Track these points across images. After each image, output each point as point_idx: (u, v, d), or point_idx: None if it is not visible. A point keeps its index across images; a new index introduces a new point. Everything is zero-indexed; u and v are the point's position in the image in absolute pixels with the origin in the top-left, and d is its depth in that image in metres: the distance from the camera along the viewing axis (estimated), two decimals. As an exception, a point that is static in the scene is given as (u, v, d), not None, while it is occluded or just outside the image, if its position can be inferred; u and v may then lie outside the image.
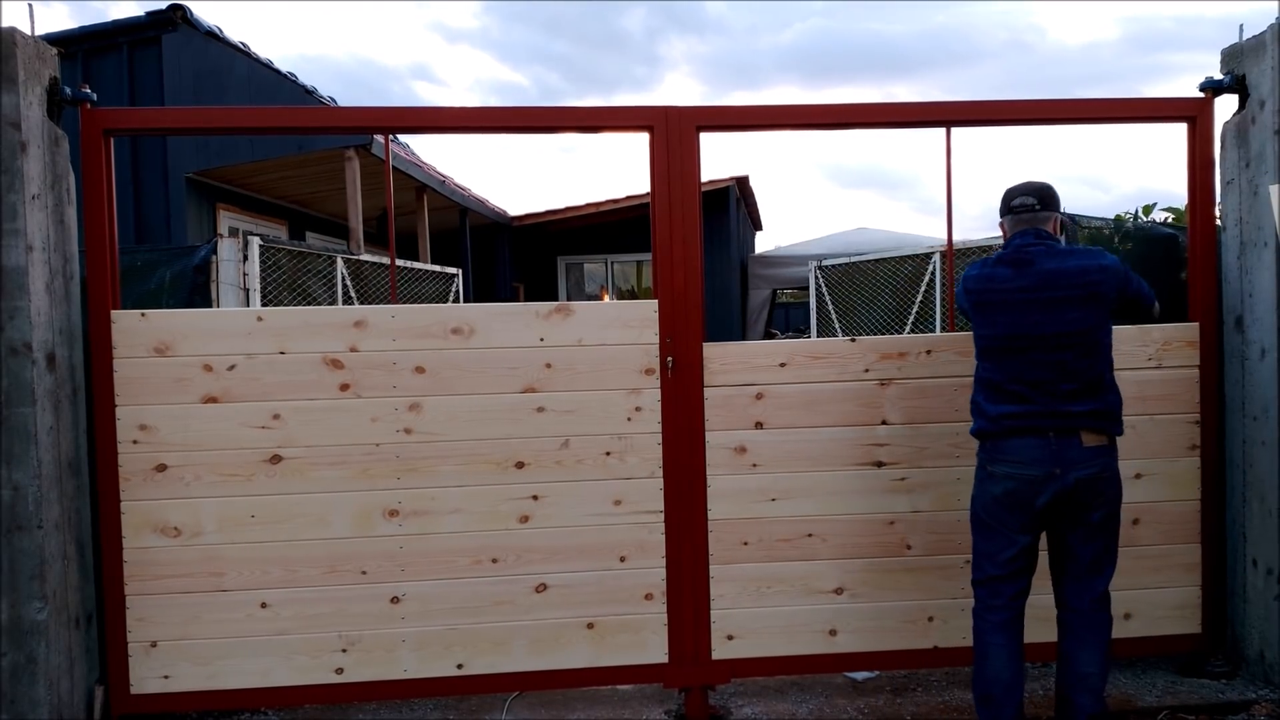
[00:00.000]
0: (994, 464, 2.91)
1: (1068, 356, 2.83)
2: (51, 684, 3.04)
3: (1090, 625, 2.93)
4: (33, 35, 3.12)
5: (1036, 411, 2.83)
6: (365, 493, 3.32)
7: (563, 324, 3.39)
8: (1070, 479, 2.81)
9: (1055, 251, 2.91)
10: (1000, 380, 2.90)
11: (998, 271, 2.95)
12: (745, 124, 3.54)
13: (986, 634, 2.93)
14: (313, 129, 4.13)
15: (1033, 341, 2.85)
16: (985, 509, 2.95)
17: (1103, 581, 2.95)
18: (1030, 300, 2.86)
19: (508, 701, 3.55)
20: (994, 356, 2.93)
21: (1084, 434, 2.82)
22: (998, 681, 2.88)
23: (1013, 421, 2.85)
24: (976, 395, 3.01)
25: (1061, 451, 2.81)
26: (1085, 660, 2.90)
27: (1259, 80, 3.46)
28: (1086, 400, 2.83)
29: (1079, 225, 4.03)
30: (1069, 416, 2.82)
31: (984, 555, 2.96)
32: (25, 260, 2.99)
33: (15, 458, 2.99)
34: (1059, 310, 2.84)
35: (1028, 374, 2.85)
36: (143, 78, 8.33)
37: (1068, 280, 2.85)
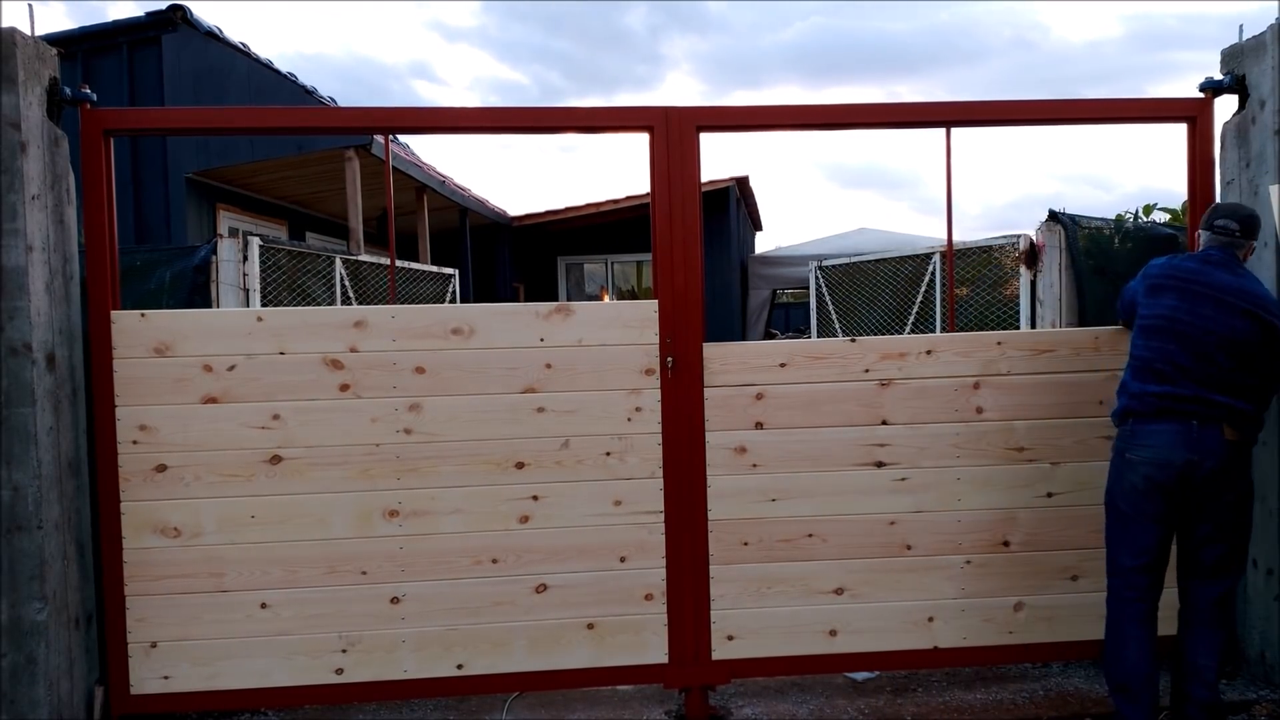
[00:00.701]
0: (1132, 450, 2.98)
1: (1221, 357, 2.89)
2: (51, 684, 3.04)
3: (1207, 622, 3.02)
4: (33, 35, 3.12)
5: (1181, 395, 2.90)
6: (365, 493, 3.32)
7: (563, 324, 3.39)
8: (1207, 467, 2.87)
9: (1240, 273, 2.99)
10: (1149, 358, 2.97)
11: (1185, 263, 3.05)
12: (745, 124, 3.53)
13: (1125, 625, 3.01)
14: (313, 129, 4.13)
15: (1195, 330, 2.92)
16: (1123, 497, 3.02)
17: (1224, 585, 3.02)
18: (1206, 295, 2.94)
19: (508, 702, 3.55)
20: (1151, 335, 2.99)
21: (1226, 427, 2.88)
22: (1136, 674, 2.96)
23: (1155, 401, 2.92)
24: (1124, 376, 3.08)
25: (1203, 440, 2.87)
26: (1201, 652, 3.00)
27: (1259, 80, 3.46)
28: (1232, 397, 2.89)
29: (1079, 225, 4.03)
30: (1213, 405, 2.87)
31: (1119, 545, 3.04)
32: (25, 260, 2.99)
33: (15, 458, 2.99)
34: (1229, 314, 2.91)
35: (1179, 357, 2.92)
36: (143, 78, 8.32)
37: (1240, 295, 2.93)
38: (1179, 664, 3.06)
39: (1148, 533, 2.97)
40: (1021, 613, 3.54)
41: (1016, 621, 3.53)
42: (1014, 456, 3.51)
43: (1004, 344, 3.52)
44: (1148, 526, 2.96)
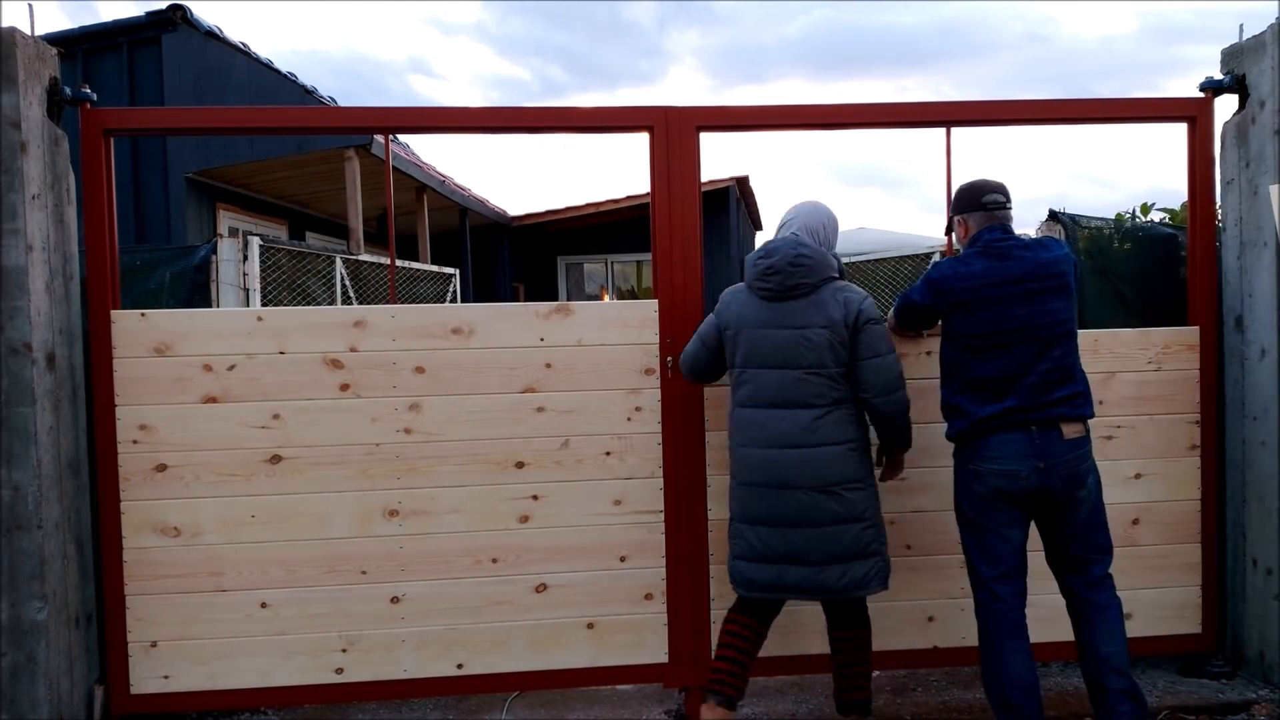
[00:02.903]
0: (977, 462, 2.91)
1: (1052, 348, 2.84)
2: (51, 684, 3.04)
3: (1101, 608, 2.94)
4: (33, 35, 3.12)
5: (1019, 407, 2.83)
6: (365, 493, 3.32)
7: (563, 324, 3.39)
8: (1053, 473, 2.82)
9: (1026, 244, 2.92)
10: (985, 378, 2.88)
11: (972, 266, 2.92)
12: (745, 124, 3.53)
13: (996, 638, 2.91)
14: (313, 129, 4.14)
15: (1018, 335, 2.84)
16: (972, 507, 2.95)
17: (1102, 565, 2.96)
18: (1013, 294, 2.85)
19: (508, 701, 3.55)
20: (978, 354, 2.90)
21: (1063, 425, 2.83)
22: (1019, 685, 2.86)
23: (997, 420, 2.84)
24: (955, 398, 2.97)
25: (1045, 445, 2.81)
26: (1104, 641, 2.91)
27: (1259, 80, 3.46)
28: (1064, 386, 2.85)
29: (1078, 225, 4.03)
30: (1048, 407, 2.82)
31: (978, 557, 2.96)
32: (25, 260, 2.99)
33: (15, 458, 2.99)
34: (1042, 301, 2.85)
35: (1013, 369, 2.84)
36: (143, 78, 8.32)
37: (1044, 270, 2.86)
38: (1087, 661, 2.95)
39: (1004, 541, 2.92)
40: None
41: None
42: (1014, 456, 3.51)
43: (1004, 344, 3.52)
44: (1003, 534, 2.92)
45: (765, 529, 2.92)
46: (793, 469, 2.88)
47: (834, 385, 2.91)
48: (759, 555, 2.94)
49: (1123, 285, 3.95)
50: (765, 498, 2.92)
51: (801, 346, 2.88)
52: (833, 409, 2.90)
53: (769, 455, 2.91)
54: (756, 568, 2.95)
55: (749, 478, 2.96)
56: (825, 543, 2.89)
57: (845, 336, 2.88)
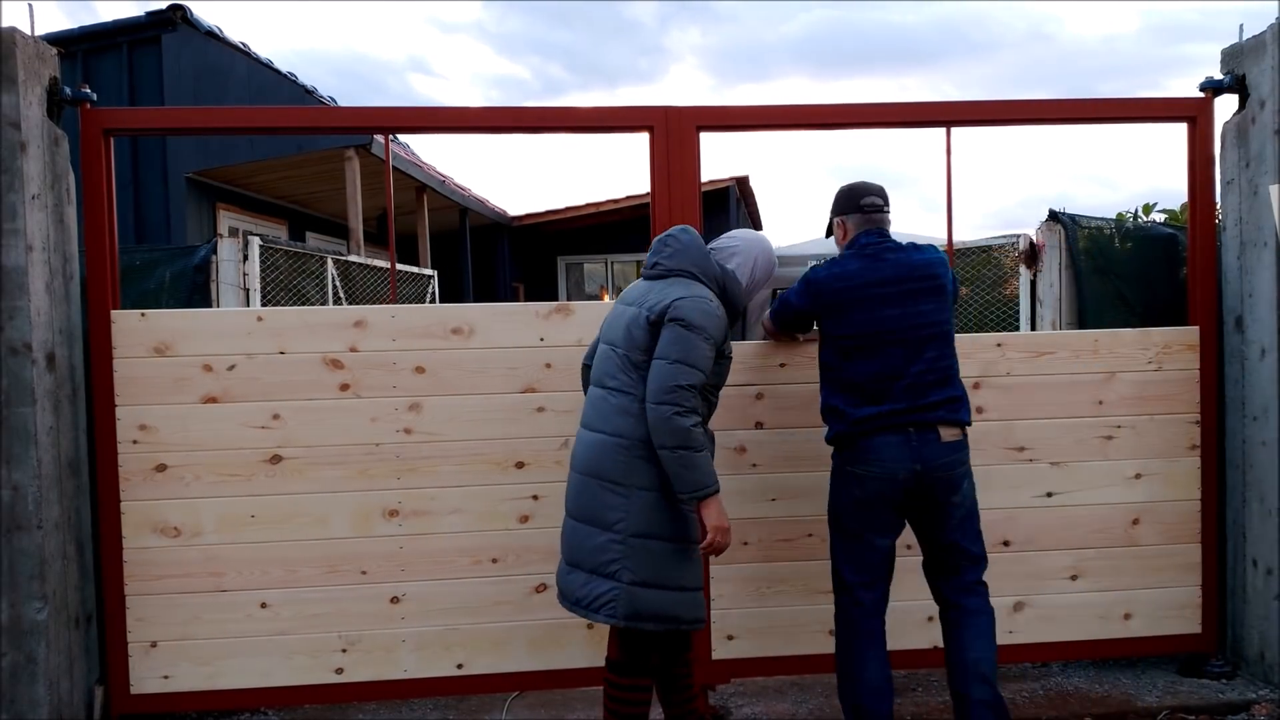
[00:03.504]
0: (855, 465, 2.84)
1: (924, 349, 2.81)
2: (51, 684, 3.04)
3: (972, 612, 2.88)
4: (33, 35, 3.12)
5: (896, 409, 2.78)
6: (365, 493, 3.32)
7: (563, 324, 3.39)
8: (930, 475, 2.77)
9: (900, 247, 2.89)
10: (860, 380, 2.83)
11: (848, 267, 2.88)
12: (745, 124, 3.53)
13: (855, 644, 2.86)
14: (313, 129, 4.14)
15: (890, 337, 2.81)
16: (846, 512, 2.90)
17: (975, 571, 2.91)
18: (885, 295, 2.82)
19: (508, 701, 3.55)
20: (851, 355, 2.85)
21: (941, 428, 2.79)
22: (874, 691, 2.82)
23: (874, 422, 2.79)
24: (832, 399, 2.92)
25: (921, 448, 2.77)
26: (973, 647, 2.84)
27: (1259, 80, 3.46)
28: (941, 389, 2.81)
29: (1079, 225, 4.03)
30: (926, 409, 2.78)
31: (846, 562, 2.92)
32: (25, 260, 2.99)
33: (15, 458, 2.99)
34: (913, 303, 2.81)
35: (886, 370, 2.80)
36: (143, 78, 8.32)
37: (917, 272, 2.83)
38: (953, 668, 2.87)
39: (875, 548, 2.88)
40: (1021, 613, 3.54)
41: (1016, 621, 3.53)
42: (1014, 456, 3.52)
43: (1004, 345, 3.52)
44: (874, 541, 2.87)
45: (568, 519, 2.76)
46: (576, 449, 2.75)
47: (626, 369, 2.66)
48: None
49: (1123, 285, 3.95)
50: (576, 484, 2.74)
51: (624, 322, 2.72)
52: (617, 395, 2.66)
53: (584, 435, 2.76)
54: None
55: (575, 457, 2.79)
56: (575, 537, 2.69)
57: (646, 325, 2.63)
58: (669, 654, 2.79)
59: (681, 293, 2.66)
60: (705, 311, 2.62)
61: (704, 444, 2.57)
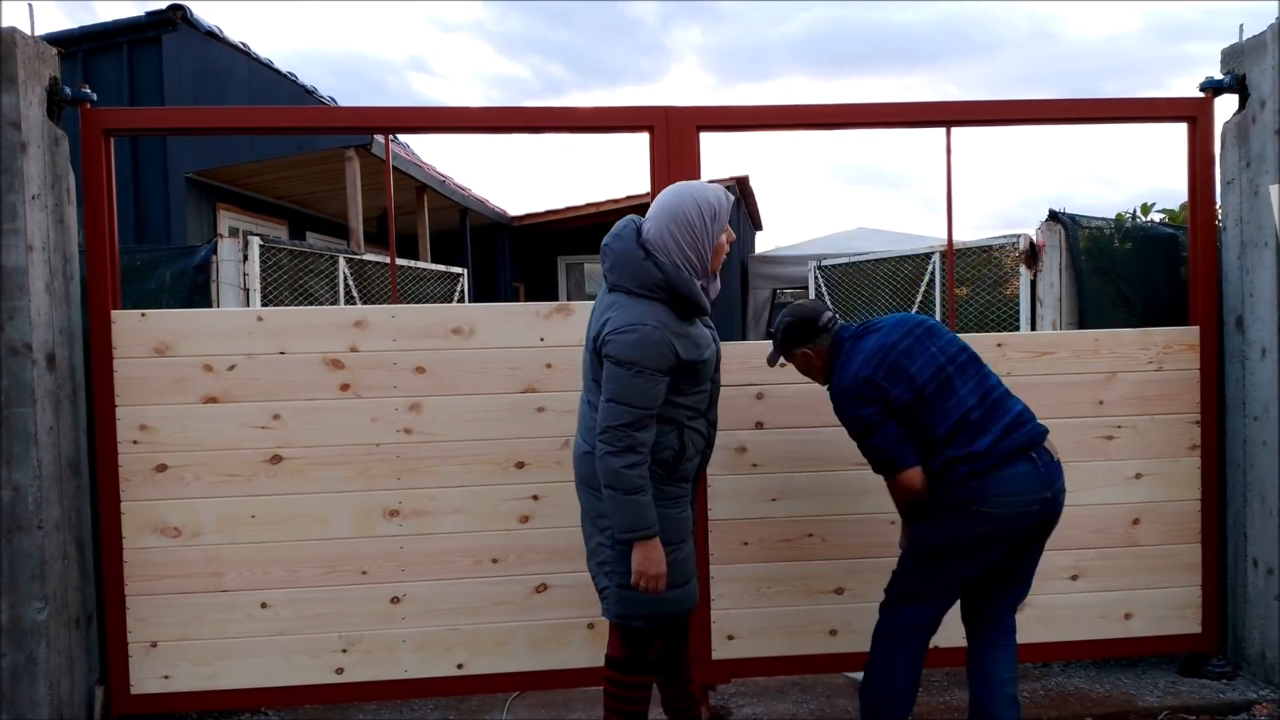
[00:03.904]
0: (982, 502, 2.64)
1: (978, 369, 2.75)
2: (52, 684, 3.04)
3: (1008, 633, 2.88)
4: (33, 35, 3.12)
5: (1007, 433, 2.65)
6: (365, 493, 3.32)
7: (563, 324, 3.39)
8: (1056, 501, 2.72)
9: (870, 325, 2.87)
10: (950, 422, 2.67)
11: (867, 345, 2.77)
12: (745, 124, 3.53)
13: (899, 651, 2.81)
14: (313, 129, 4.14)
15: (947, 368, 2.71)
16: (957, 541, 2.72)
17: (1024, 592, 2.90)
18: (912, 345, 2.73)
19: (508, 701, 3.55)
20: (927, 409, 2.68)
21: (1048, 445, 2.72)
22: (897, 697, 2.78)
23: (994, 454, 2.63)
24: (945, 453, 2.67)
25: (1047, 472, 2.68)
26: (1005, 668, 2.82)
27: (1259, 80, 3.46)
28: (1013, 398, 2.76)
29: (1079, 225, 4.03)
30: (1024, 425, 2.69)
31: (927, 586, 2.82)
32: (25, 260, 2.99)
33: (15, 458, 2.99)
34: (934, 340, 2.76)
35: (969, 399, 2.68)
36: (143, 78, 8.32)
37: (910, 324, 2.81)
38: (981, 683, 2.83)
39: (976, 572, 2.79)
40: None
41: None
42: (1014, 456, 3.51)
43: (1004, 345, 3.52)
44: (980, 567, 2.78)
45: None
46: (573, 454, 2.76)
47: (590, 382, 2.66)
48: None
49: (1123, 285, 3.95)
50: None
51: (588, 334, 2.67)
52: (587, 405, 2.67)
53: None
54: None
55: None
56: (583, 535, 2.76)
57: (592, 352, 2.59)
58: (666, 650, 2.78)
59: (617, 320, 2.50)
60: (633, 342, 2.44)
61: (637, 485, 2.44)
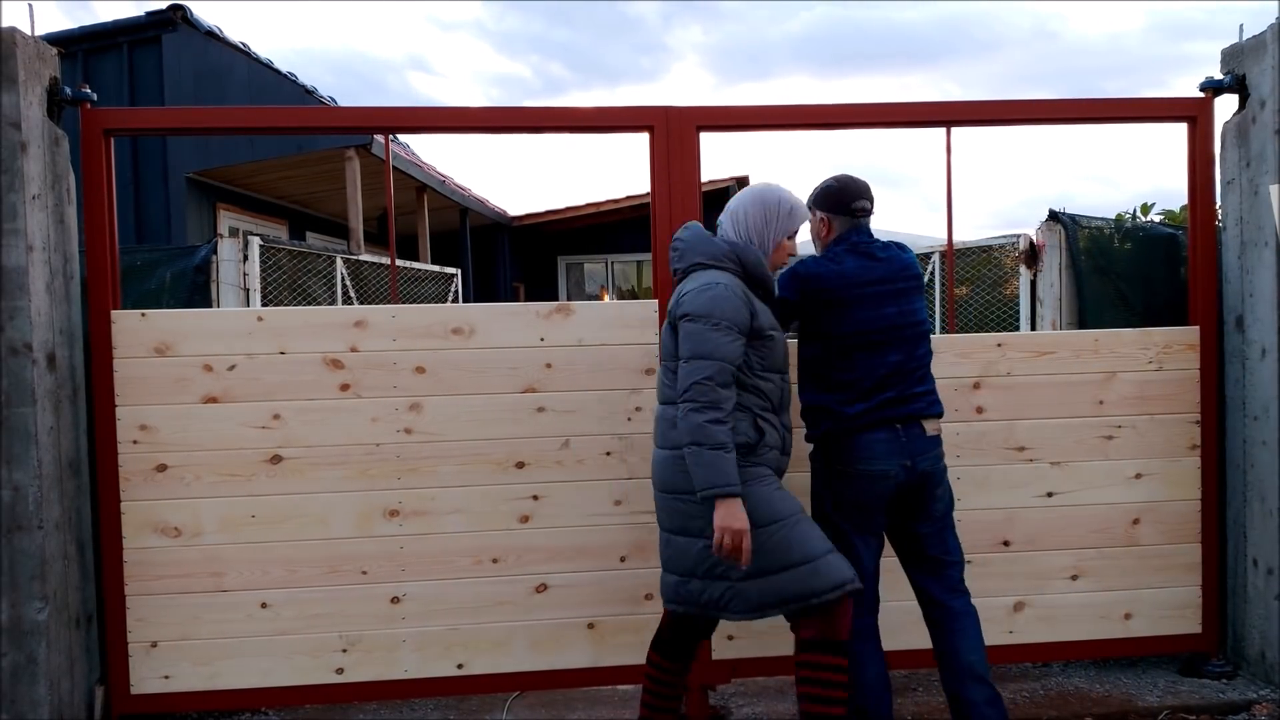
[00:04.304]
0: (846, 463, 2.81)
1: (913, 348, 2.85)
2: (52, 684, 3.04)
3: (960, 614, 2.90)
4: (33, 35, 3.12)
5: (885, 402, 2.79)
6: (365, 493, 3.32)
7: (563, 324, 3.39)
8: (918, 470, 2.81)
9: (887, 245, 2.91)
10: (856, 378, 2.81)
11: (845, 265, 2.83)
12: (745, 124, 3.53)
13: (852, 643, 2.80)
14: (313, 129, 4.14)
15: (886, 334, 2.81)
16: (838, 511, 2.86)
17: (956, 569, 2.94)
18: (882, 293, 2.82)
19: (508, 701, 3.55)
20: (850, 354, 2.81)
21: (924, 422, 2.83)
22: (872, 690, 2.85)
23: (865, 418, 2.79)
24: (820, 398, 2.87)
25: (910, 443, 2.80)
26: (965, 650, 2.86)
27: (1259, 80, 3.46)
28: (924, 383, 2.87)
29: (1079, 225, 4.03)
30: (911, 401, 2.82)
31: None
32: (25, 260, 2.99)
33: (15, 458, 2.99)
34: (903, 301, 2.85)
35: (885, 367, 2.81)
36: (143, 78, 8.33)
37: (907, 271, 2.87)
38: (948, 671, 2.89)
39: (867, 546, 2.89)
40: (1021, 612, 3.54)
41: (1016, 621, 3.53)
42: (1014, 456, 3.52)
43: (1004, 345, 3.52)
44: (866, 540, 2.88)
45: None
46: (654, 468, 2.76)
47: (669, 379, 2.69)
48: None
49: (1123, 285, 3.95)
50: (656, 499, 2.77)
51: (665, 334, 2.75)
52: (665, 407, 2.72)
53: (654, 454, 2.79)
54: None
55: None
56: (676, 549, 2.69)
57: (670, 331, 2.68)
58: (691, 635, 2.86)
59: (689, 286, 2.64)
60: (710, 297, 2.56)
61: (721, 440, 2.47)
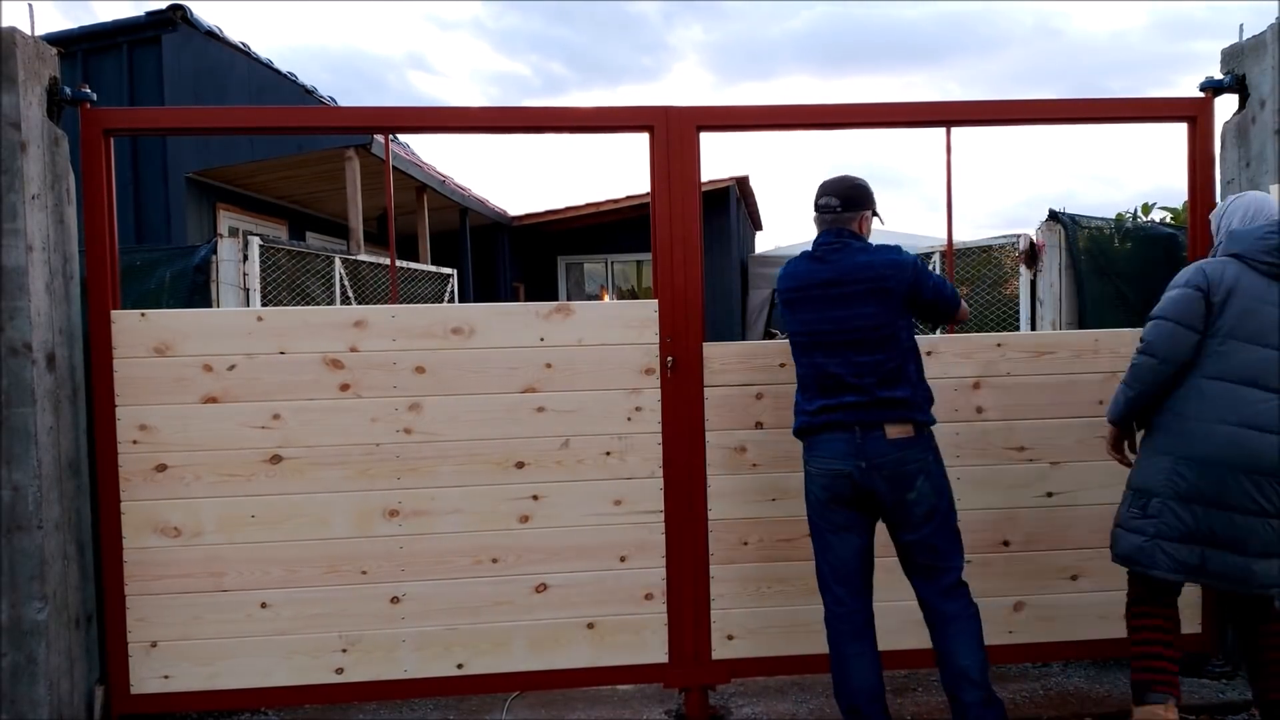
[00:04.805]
0: (811, 462, 2.95)
1: (864, 352, 2.86)
2: (52, 684, 3.04)
3: (953, 618, 2.90)
4: (33, 35, 3.12)
5: (843, 404, 2.86)
6: (365, 493, 3.32)
7: (563, 324, 3.39)
8: (874, 471, 2.82)
9: (851, 248, 2.92)
10: (811, 376, 2.94)
11: (799, 267, 2.99)
12: (745, 124, 3.53)
13: (842, 643, 2.93)
14: (313, 129, 4.13)
15: (832, 336, 2.89)
16: (812, 509, 2.99)
17: (949, 574, 2.93)
18: (828, 296, 2.89)
19: (508, 701, 3.55)
20: (805, 352, 2.97)
21: (887, 426, 2.84)
22: (862, 691, 2.89)
23: (825, 416, 2.88)
24: (796, 393, 3.04)
25: (865, 445, 2.83)
26: (960, 654, 2.87)
27: (1259, 80, 3.46)
28: (889, 389, 2.85)
29: (1079, 225, 4.03)
30: (871, 407, 2.84)
31: (822, 560, 3.00)
32: (25, 260, 2.99)
33: (15, 458, 2.99)
34: (852, 305, 2.87)
35: (832, 368, 2.88)
36: (143, 78, 8.32)
37: (858, 274, 2.87)
38: (943, 673, 2.93)
39: (841, 544, 2.93)
40: (1021, 612, 3.54)
41: (1016, 621, 3.53)
42: (1014, 456, 3.52)
43: (1004, 345, 3.52)
44: (841, 537, 2.93)
45: (1204, 509, 2.76)
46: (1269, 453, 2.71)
47: None
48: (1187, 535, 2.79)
49: (1123, 285, 3.95)
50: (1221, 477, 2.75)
51: None
52: None
53: (1241, 434, 2.74)
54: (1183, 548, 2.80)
55: (1206, 453, 2.77)
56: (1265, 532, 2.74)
57: None
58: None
59: None
60: None
61: None
